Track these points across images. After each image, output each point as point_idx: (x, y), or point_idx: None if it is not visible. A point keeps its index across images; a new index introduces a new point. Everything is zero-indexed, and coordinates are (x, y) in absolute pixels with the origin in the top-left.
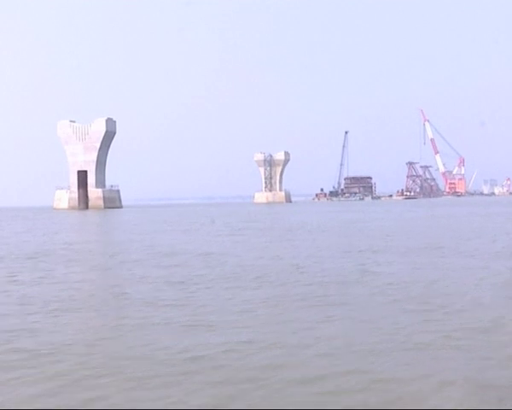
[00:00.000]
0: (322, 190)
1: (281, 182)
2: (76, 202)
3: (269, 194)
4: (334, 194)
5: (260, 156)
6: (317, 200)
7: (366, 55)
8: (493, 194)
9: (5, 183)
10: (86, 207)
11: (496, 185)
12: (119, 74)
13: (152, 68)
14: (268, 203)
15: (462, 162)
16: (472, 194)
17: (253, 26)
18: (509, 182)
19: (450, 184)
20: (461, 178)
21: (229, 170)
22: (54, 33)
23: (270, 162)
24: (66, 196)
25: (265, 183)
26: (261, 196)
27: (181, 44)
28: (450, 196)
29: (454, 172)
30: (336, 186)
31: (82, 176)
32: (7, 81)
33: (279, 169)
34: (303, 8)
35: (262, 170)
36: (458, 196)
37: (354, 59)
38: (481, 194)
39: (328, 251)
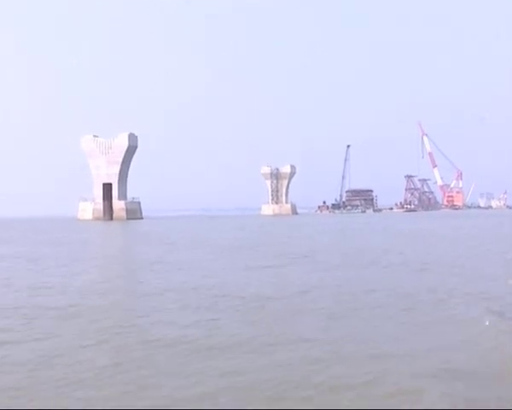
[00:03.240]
0: (324, 202)
1: (287, 194)
2: (100, 213)
3: (275, 206)
4: (336, 206)
5: (267, 170)
6: (319, 212)
7: (367, 70)
8: (490, 207)
9: (24, 193)
10: (111, 218)
11: (492, 199)
12: (136, 89)
13: (161, 86)
14: (274, 215)
15: (459, 176)
16: (469, 207)
17: (258, 42)
18: (505, 195)
19: (448, 197)
20: (458, 192)
21: (235, 183)
22: (76, 48)
23: (276, 175)
24: (90, 208)
25: (272, 195)
26: (268, 209)
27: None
28: (447, 209)
29: (452, 186)
30: (338, 199)
31: (107, 188)
32: (32, 96)
33: (285, 182)
34: (308, 19)
35: (269, 183)
36: (456, 209)
37: (356, 74)
38: (478, 207)
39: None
